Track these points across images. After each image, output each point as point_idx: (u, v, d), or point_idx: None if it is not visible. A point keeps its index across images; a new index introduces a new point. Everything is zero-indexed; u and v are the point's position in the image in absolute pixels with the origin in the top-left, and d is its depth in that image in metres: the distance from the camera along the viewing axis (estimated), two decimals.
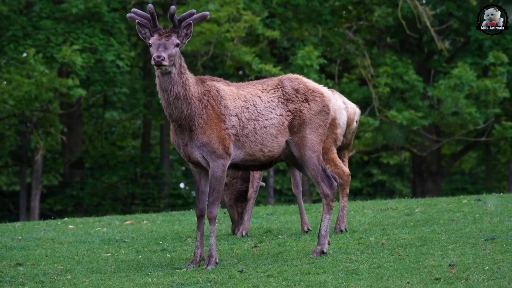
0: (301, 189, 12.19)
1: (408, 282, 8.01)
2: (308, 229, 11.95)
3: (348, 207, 12.19)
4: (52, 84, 24.72)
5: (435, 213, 13.17)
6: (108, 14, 26.08)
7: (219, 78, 9.87)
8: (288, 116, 9.77)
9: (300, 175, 12.08)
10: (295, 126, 9.76)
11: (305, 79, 10.01)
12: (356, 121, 11.76)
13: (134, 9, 9.57)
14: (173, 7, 9.32)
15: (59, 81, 24.84)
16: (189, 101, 9.48)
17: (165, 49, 9.27)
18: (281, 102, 9.80)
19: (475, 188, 32.06)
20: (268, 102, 9.78)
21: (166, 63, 9.24)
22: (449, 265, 8.61)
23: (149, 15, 9.45)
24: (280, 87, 9.86)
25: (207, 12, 9.51)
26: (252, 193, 12.10)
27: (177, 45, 9.35)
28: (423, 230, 11.28)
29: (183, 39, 9.43)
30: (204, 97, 9.57)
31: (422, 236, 10.73)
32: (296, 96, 9.81)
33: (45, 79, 24.51)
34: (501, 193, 16.49)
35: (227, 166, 9.60)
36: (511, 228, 10.85)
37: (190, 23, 9.43)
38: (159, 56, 9.21)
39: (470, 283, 7.87)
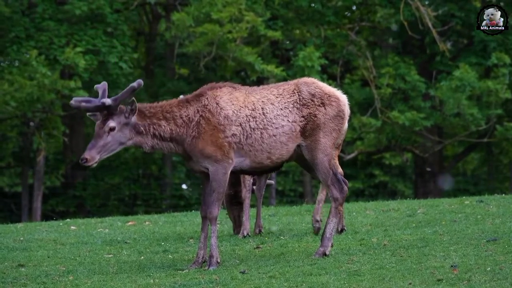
0: (263, 192, 12.33)
1: (410, 283, 8.01)
2: (260, 231, 12.07)
3: (346, 207, 12.18)
4: (54, 85, 24.74)
5: (437, 214, 13.16)
6: (110, 16, 26.09)
7: (225, 84, 9.78)
8: (301, 121, 9.71)
9: (265, 179, 12.23)
10: (308, 130, 9.72)
11: (321, 83, 9.96)
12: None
13: (76, 99, 9.51)
14: (102, 100, 9.36)
15: (61, 83, 24.86)
16: (167, 139, 9.57)
17: (92, 147, 9.37)
18: (296, 108, 9.74)
19: (477, 189, 32.02)
20: (282, 109, 9.72)
21: (89, 164, 9.36)
22: (451, 266, 8.60)
23: (96, 103, 9.47)
24: (297, 92, 9.80)
25: (134, 84, 9.46)
26: (245, 193, 12.18)
27: (113, 129, 9.39)
28: (425, 231, 11.28)
29: (128, 115, 9.47)
30: (197, 114, 9.57)
31: (424, 237, 10.73)
32: (312, 101, 9.75)
33: (47, 80, 24.53)
34: (503, 194, 16.48)
35: (229, 169, 9.58)
36: None
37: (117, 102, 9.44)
38: (81, 159, 9.35)
39: (472, 284, 7.86)
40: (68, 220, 16.39)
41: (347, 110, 9.95)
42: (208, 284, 8.58)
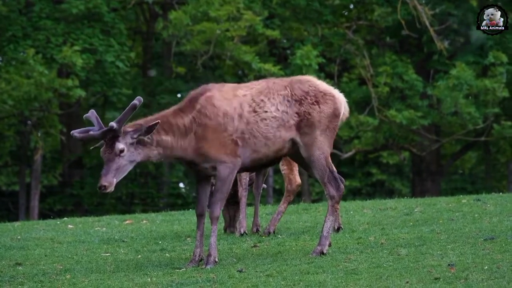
0: (260, 191, 12.33)
1: (407, 282, 8.01)
2: (257, 230, 12.09)
3: (340, 212, 12.13)
4: (51, 84, 24.74)
5: (435, 213, 13.17)
6: (107, 15, 26.08)
7: (210, 87, 9.71)
8: (295, 116, 9.66)
9: (263, 177, 12.23)
10: (303, 128, 9.66)
11: (317, 81, 9.88)
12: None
13: (76, 131, 9.57)
14: (111, 124, 9.28)
15: (58, 81, 24.86)
16: (171, 150, 9.49)
17: (107, 172, 9.27)
18: (288, 101, 9.67)
19: (474, 187, 32.04)
20: (269, 98, 9.64)
21: (108, 190, 9.27)
22: (448, 264, 8.61)
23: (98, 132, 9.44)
24: (289, 88, 9.76)
25: (135, 102, 9.33)
26: (242, 191, 12.20)
27: (122, 151, 9.30)
28: (422, 230, 11.28)
29: (133, 134, 9.38)
30: (193, 124, 9.50)
31: (421, 236, 10.74)
32: (306, 98, 9.68)
33: (45, 79, 24.52)
34: (501, 193, 16.49)
35: (236, 169, 9.54)
36: (510, 228, 10.85)
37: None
38: (100, 187, 9.26)
39: (469, 282, 7.87)
40: (65, 218, 16.38)
41: (345, 109, 9.91)
42: (206, 282, 8.58)
